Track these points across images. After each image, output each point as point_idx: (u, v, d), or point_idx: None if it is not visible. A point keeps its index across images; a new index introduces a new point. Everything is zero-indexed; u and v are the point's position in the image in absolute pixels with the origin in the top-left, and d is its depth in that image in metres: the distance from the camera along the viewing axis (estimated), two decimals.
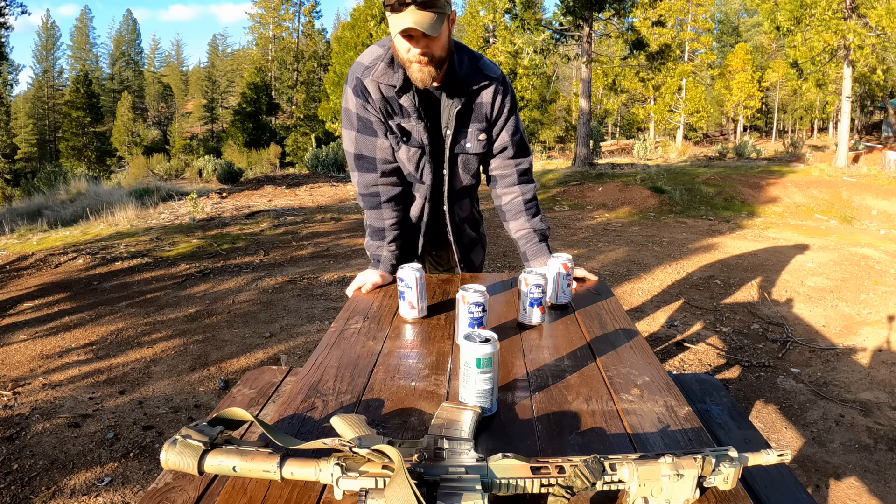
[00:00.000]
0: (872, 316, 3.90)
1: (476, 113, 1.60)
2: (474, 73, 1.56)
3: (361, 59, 1.56)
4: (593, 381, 1.08)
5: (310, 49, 38.28)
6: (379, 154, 1.62)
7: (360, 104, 1.57)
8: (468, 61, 1.55)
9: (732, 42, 40.91)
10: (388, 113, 1.57)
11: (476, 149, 1.64)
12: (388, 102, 1.55)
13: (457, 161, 1.66)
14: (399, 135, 1.59)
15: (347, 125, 1.62)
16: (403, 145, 1.60)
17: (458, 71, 1.52)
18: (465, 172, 1.70)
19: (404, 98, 1.53)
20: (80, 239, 6.61)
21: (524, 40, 13.46)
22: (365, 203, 1.69)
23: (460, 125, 1.60)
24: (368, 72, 1.53)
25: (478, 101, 1.59)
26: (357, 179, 1.67)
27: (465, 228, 1.85)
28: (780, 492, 1.30)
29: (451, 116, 1.57)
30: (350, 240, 6.27)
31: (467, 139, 1.62)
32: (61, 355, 3.30)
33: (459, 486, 0.70)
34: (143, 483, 2.12)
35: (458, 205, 1.78)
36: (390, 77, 1.51)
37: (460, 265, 1.88)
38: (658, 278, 4.72)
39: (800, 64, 14.58)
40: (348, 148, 1.65)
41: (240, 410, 0.86)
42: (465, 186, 1.74)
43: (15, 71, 26.24)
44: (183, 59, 70.25)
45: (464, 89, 1.55)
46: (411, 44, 1.38)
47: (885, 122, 28.19)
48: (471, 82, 1.55)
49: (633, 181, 10.17)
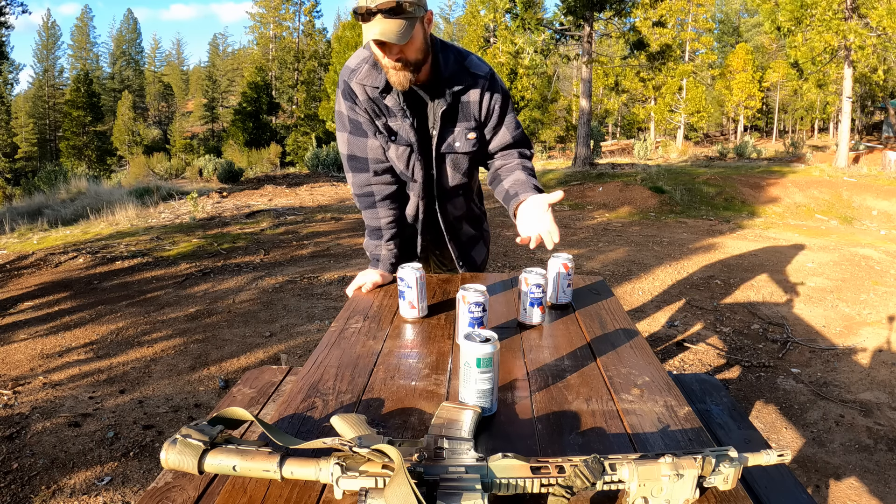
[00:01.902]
0: (872, 316, 3.90)
1: (463, 112, 1.59)
2: (460, 73, 1.55)
3: (349, 62, 1.58)
4: (593, 381, 1.08)
5: (310, 48, 38.27)
6: (370, 154, 1.63)
7: (349, 106, 1.58)
8: (454, 60, 1.54)
9: (733, 42, 40.89)
10: (376, 113, 1.58)
11: (465, 148, 1.63)
12: (374, 103, 1.56)
13: (444, 160, 1.65)
14: (387, 134, 1.59)
15: (340, 127, 1.64)
16: (392, 144, 1.61)
17: (443, 71, 1.51)
18: (454, 171, 1.68)
19: (389, 98, 1.54)
20: (80, 238, 6.61)
21: (525, 40, 13.46)
22: (361, 203, 1.70)
23: (447, 124, 1.59)
24: (354, 74, 1.54)
25: (464, 99, 1.57)
26: (352, 180, 1.68)
27: (461, 226, 1.84)
28: (780, 492, 1.30)
29: (436, 116, 1.56)
30: (350, 239, 6.27)
31: (455, 138, 1.61)
32: (61, 354, 3.30)
33: (459, 486, 0.70)
34: (143, 482, 2.13)
35: (451, 203, 1.77)
36: (374, 78, 1.52)
37: (458, 262, 1.86)
38: (658, 278, 4.72)
39: (800, 64, 14.57)
40: (342, 150, 1.67)
41: (240, 410, 0.86)
42: (457, 185, 1.73)
43: (15, 70, 26.26)
44: (183, 58, 70.29)
45: (448, 88, 1.54)
46: (383, 51, 1.38)
47: (885, 122, 28.18)
48: (456, 81, 1.54)
49: (633, 181, 10.16)
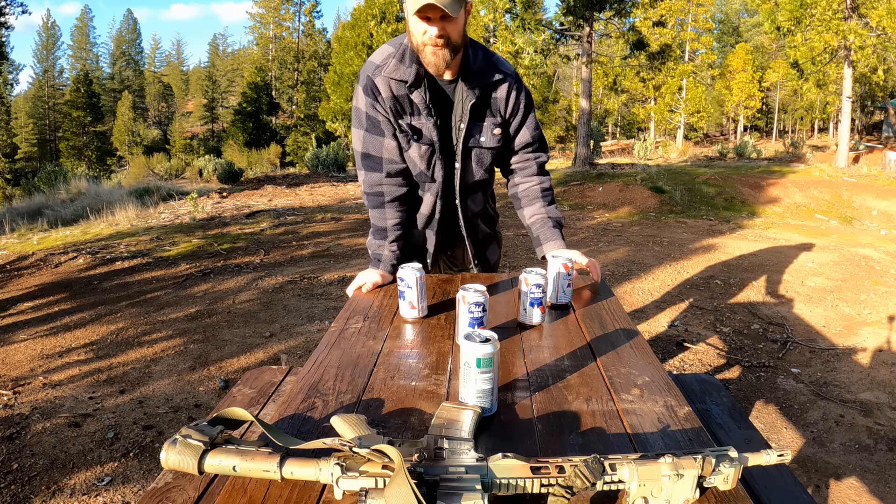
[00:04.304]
0: (872, 316, 3.90)
1: (491, 107, 1.60)
2: (488, 68, 1.57)
3: (373, 58, 1.57)
4: (593, 381, 1.08)
5: (310, 49, 38.28)
6: (385, 154, 1.62)
7: (369, 103, 1.57)
8: (482, 56, 1.57)
9: (733, 42, 40.89)
10: (398, 112, 1.57)
11: (490, 143, 1.64)
12: (397, 101, 1.55)
13: (470, 155, 1.66)
14: (410, 133, 1.59)
15: (357, 124, 1.63)
16: (414, 143, 1.60)
17: (473, 64, 1.53)
18: (478, 166, 1.69)
19: (416, 94, 1.53)
20: (80, 238, 6.61)
21: (524, 40, 13.45)
22: (369, 202, 1.69)
23: (475, 118, 1.60)
24: (379, 70, 1.53)
25: (493, 95, 1.59)
26: (363, 178, 1.67)
27: (478, 224, 1.84)
28: (780, 492, 1.30)
29: (465, 109, 1.57)
30: (350, 239, 6.27)
31: (482, 133, 1.62)
32: (61, 355, 3.30)
33: (459, 486, 0.70)
34: (143, 483, 2.13)
35: (472, 199, 1.77)
36: (402, 73, 1.51)
37: (474, 262, 1.86)
38: (658, 278, 4.72)
39: (800, 64, 14.58)
40: (356, 146, 1.66)
41: (240, 410, 0.86)
42: (478, 181, 1.73)
43: (15, 70, 26.28)
44: (183, 58, 70.30)
45: (478, 82, 1.55)
46: (429, 24, 1.39)
47: (885, 122, 28.18)
48: (485, 76, 1.56)
49: (633, 181, 10.16)
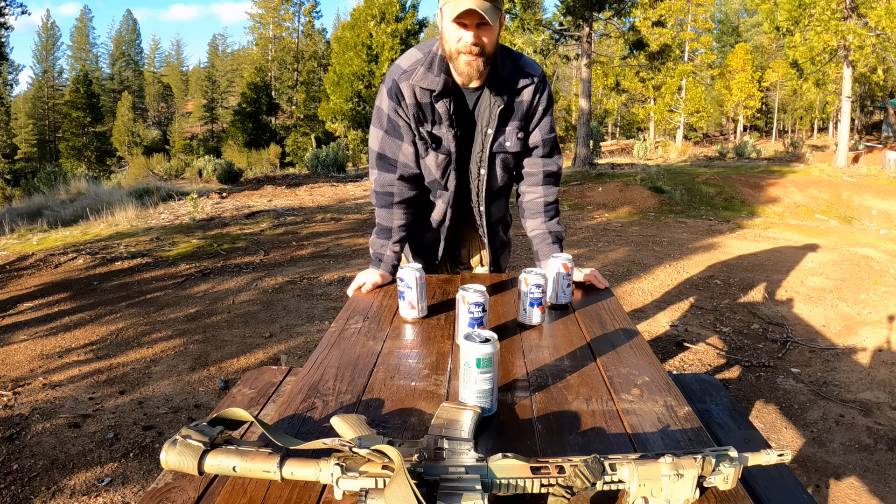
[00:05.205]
0: (872, 316, 3.90)
1: (516, 111, 1.61)
2: (516, 73, 1.57)
3: (400, 61, 1.57)
4: (593, 381, 1.08)
5: (310, 49, 38.25)
6: (401, 158, 1.63)
7: (392, 106, 1.57)
8: (510, 61, 1.57)
9: (732, 42, 40.88)
10: (420, 119, 1.57)
11: (515, 147, 1.64)
12: (421, 108, 1.55)
13: (495, 160, 1.65)
14: (429, 141, 1.59)
15: (377, 123, 1.64)
16: (432, 152, 1.60)
17: (501, 71, 1.54)
18: (503, 172, 1.69)
19: (440, 103, 1.53)
20: (80, 239, 6.61)
21: (524, 40, 13.45)
22: (377, 201, 1.70)
23: (501, 124, 1.60)
24: (406, 76, 1.53)
25: (518, 99, 1.59)
26: (375, 177, 1.68)
27: (498, 230, 1.85)
28: (780, 492, 1.30)
29: (493, 115, 1.56)
30: (350, 240, 6.27)
31: (506, 138, 1.62)
32: (61, 355, 3.30)
33: (459, 486, 0.70)
34: (143, 483, 2.12)
35: (496, 204, 1.77)
36: (430, 81, 1.51)
37: (490, 268, 1.88)
38: (658, 278, 4.72)
39: (800, 64, 14.58)
40: (373, 146, 1.66)
41: (240, 410, 0.86)
42: (503, 186, 1.74)
43: (15, 71, 26.30)
44: (183, 59, 70.24)
45: (505, 88, 1.55)
46: (466, 29, 1.39)
47: (885, 122, 28.19)
48: (512, 82, 1.57)
49: (633, 181, 10.16)
